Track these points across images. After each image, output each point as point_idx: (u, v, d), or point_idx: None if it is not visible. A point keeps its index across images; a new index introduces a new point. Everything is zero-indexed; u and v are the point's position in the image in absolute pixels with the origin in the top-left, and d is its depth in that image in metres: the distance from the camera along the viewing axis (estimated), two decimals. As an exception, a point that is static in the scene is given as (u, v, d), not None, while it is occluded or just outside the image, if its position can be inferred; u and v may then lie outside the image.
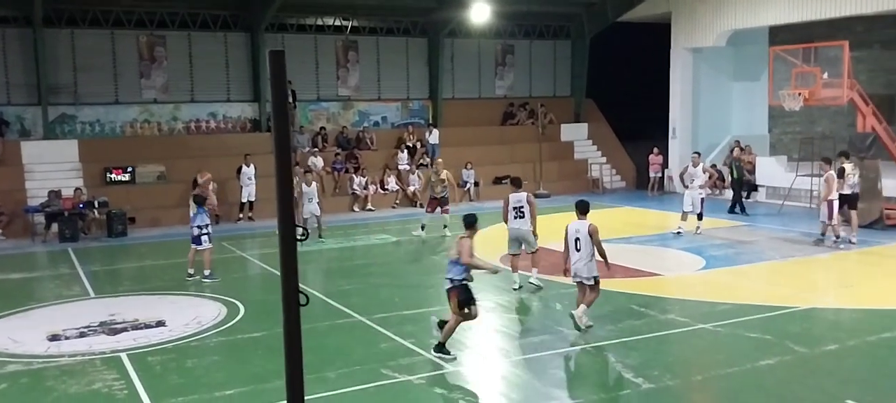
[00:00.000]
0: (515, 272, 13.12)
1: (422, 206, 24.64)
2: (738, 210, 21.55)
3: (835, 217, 16.19)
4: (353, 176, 24.64)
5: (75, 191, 20.66)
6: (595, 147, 30.14)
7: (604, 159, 29.60)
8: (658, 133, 28.32)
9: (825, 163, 16.84)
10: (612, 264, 10.81)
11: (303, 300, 4.03)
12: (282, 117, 4.02)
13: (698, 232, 18.03)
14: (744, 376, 8.84)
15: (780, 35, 25.19)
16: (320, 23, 26.65)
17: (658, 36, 28.44)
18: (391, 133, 27.44)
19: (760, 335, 10.22)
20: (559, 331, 10.62)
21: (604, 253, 10.48)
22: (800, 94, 19.04)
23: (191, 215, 14.29)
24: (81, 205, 20.24)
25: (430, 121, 27.80)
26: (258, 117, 25.52)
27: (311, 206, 18.13)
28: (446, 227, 18.65)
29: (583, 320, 10.35)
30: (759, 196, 23.86)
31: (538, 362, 9.42)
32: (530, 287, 13.01)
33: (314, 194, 18.31)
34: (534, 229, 13.06)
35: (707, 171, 18.84)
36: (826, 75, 19.19)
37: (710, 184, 20.43)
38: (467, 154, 26.25)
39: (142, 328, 11.25)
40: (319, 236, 18.26)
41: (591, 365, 9.36)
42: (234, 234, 19.82)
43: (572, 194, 25.89)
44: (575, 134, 30.06)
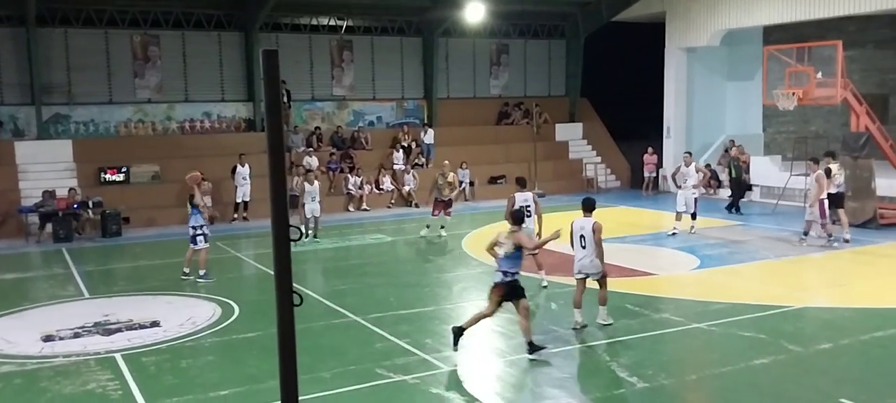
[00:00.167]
0: None
1: (417, 206, 24.72)
2: (733, 210, 21.58)
3: (827, 216, 16.26)
4: (348, 176, 24.62)
5: (69, 191, 20.61)
6: (590, 146, 30.18)
7: (598, 159, 29.64)
8: (652, 132, 28.39)
9: (813, 163, 16.89)
10: (606, 263, 10.84)
11: (297, 300, 4.03)
12: (275, 117, 4.01)
13: (693, 232, 18.06)
14: (738, 375, 8.87)
15: (773, 35, 25.27)
16: (315, 22, 26.63)
17: (652, 35, 28.51)
18: (386, 133, 27.43)
19: (754, 334, 10.24)
20: (554, 331, 10.64)
21: (602, 254, 10.53)
22: (794, 94, 19.07)
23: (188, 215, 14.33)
24: (76, 206, 20.19)
25: (425, 121, 27.82)
26: (253, 117, 25.49)
27: (313, 206, 18.05)
28: (443, 227, 18.57)
29: (606, 319, 10.68)
30: (753, 195, 23.91)
31: (533, 362, 9.42)
32: (530, 288, 12.97)
33: (317, 193, 18.24)
34: (539, 230, 13.06)
35: (699, 171, 18.86)
36: (820, 75, 19.22)
37: (704, 183, 20.47)
38: (462, 154, 26.25)
39: (136, 328, 11.23)
40: (314, 236, 18.22)
41: (586, 365, 9.37)
42: (229, 234, 19.79)
43: (567, 194, 26.00)
44: (570, 133, 30.10)
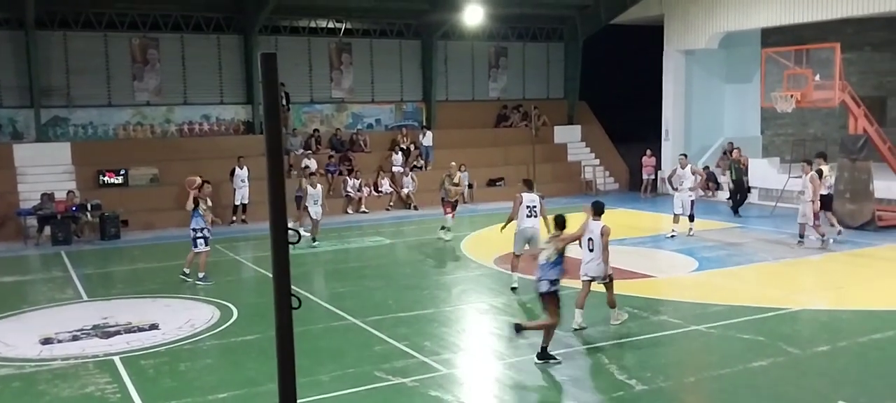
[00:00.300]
0: (515, 272, 13.15)
1: (416, 208, 24.74)
2: (741, 213, 21.56)
3: (818, 217, 16.30)
4: (347, 178, 24.63)
5: (68, 193, 20.61)
6: (588, 149, 30.20)
7: (597, 161, 29.66)
8: (651, 135, 28.40)
9: (807, 165, 16.91)
10: (611, 266, 11.07)
11: (295, 303, 4.03)
12: (274, 120, 4.02)
13: (691, 234, 18.07)
14: (736, 377, 8.88)
15: (771, 37, 25.30)
16: (314, 25, 26.64)
17: (651, 38, 28.54)
18: (385, 135, 27.44)
19: (753, 336, 10.26)
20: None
21: (607, 258, 10.63)
22: (792, 96, 19.10)
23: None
24: (74, 208, 20.18)
25: (424, 124, 27.83)
26: (251, 119, 25.50)
27: (316, 209, 17.95)
28: (444, 228, 18.53)
29: (620, 318, 10.83)
30: (751, 197, 23.92)
31: (532, 364, 9.42)
32: (529, 290, 12.99)
33: (319, 197, 18.15)
34: (549, 229, 13.14)
35: (695, 173, 18.91)
36: (818, 77, 19.26)
37: (700, 185, 20.46)
38: (461, 156, 26.13)
39: (135, 331, 11.22)
40: (313, 239, 18.12)
41: (585, 367, 9.38)
42: (228, 237, 19.77)
43: (566, 196, 26.02)
44: (568, 136, 30.12)
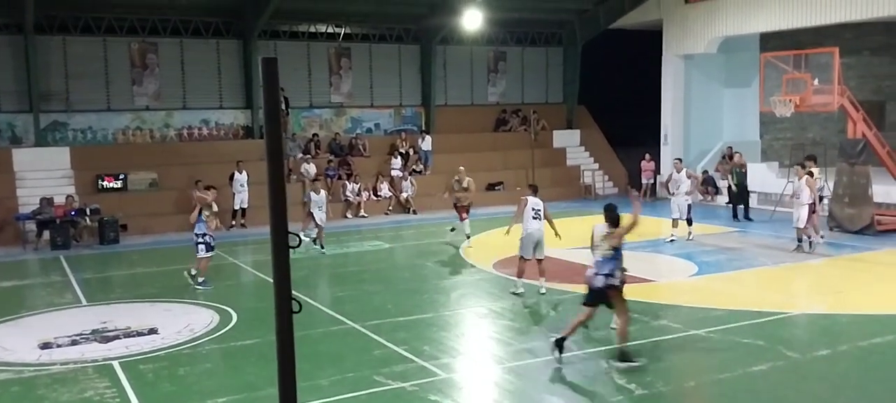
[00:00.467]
0: (521, 277, 13.09)
1: (415, 212, 24.74)
2: (741, 217, 21.56)
3: (811, 220, 16.32)
4: (346, 182, 24.64)
5: (67, 198, 20.60)
6: (587, 153, 30.23)
7: (596, 166, 29.67)
8: (650, 139, 28.42)
9: (801, 168, 16.90)
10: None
11: (296, 307, 4.03)
12: (274, 124, 4.02)
13: (690, 239, 18.07)
14: (736, 382, 8.87)
15: (770, 42, 25.35)
16: (313, 30, 26.67)
17: (650, 43, 28.56)
18: (384, 139, 27.46)
19: (753, 340, 10.25)
20: (552, 337, 10.62)
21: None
22: (790, 101, 19.12)
23: None
24: (73, 213, 20.18)
25: (423, 128, 27.85)
26: (250, 124, 25.51)
27: (321, 214, 17.75)
28: (453, 230, 18.44)
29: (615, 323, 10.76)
30: (750, 202, 23.89)
31: (531, 368, 9.43)
32: (528, 294, 12.99)
33: (323, 202, 17.97)
34: (555, 232, 13.22)
35: (691, 177, 18.91)
36: (816, 81, 19.27)
37: (696, 188, 20.44)
38: (460, 160, 26.06)
39: (134, 335, 11.21)
40: (315, 243, 17.97)
41: (584, 371, 9.36)
42: (227, 241, 19.74)
43: (565, 201, 26.05)
44: (567, 140, 30.15)
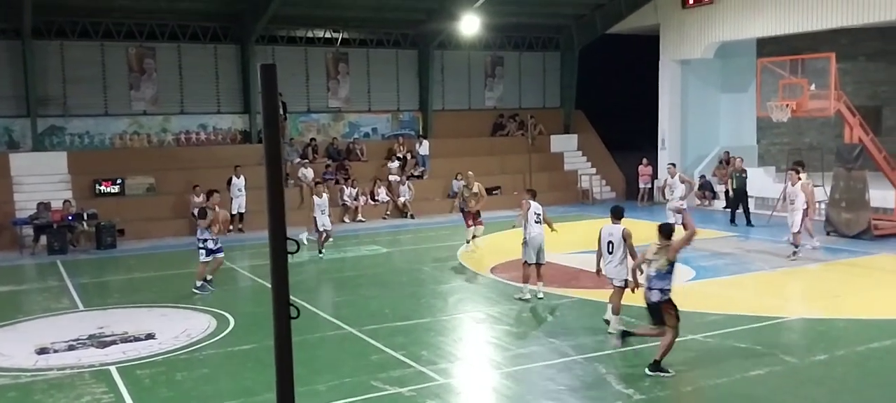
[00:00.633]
0: (527, 283, 13.05)
1: (413, 217, 24.75)
2: (739, 221, 21.55)
3: (803, 224, 16.35)
4: (344, 187, 24.64)
5: (64, 203, 20.58)
6: (585, 158, 30.25)
7: (593, 170, 29.69)
8: (647, 144, 28.46)
9: (794, 173, 16.91)
10: (598, 275, 11.28)
11: (294, 313, 4.03)
12: (273, 129, 4.04)
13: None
14: (734, 386, 8.88)
15: (767, 47, 25.39)
16: (310, 35, 26.68)
17: (647, 48, 28.62)
18: (381, 144, 27.47)
19: (750, 345, 10.26)
20: (550, 342, 10.65)
21: (635, 256, 10.76)
22: (787, 106, 19.14)
23: None
24: (70, 218, 20.15)
25: (421, 133, 27.86)
26: (248, 129, 25.50)
27: (324, 219, 17.71)
28: (475, 236, 18.11)
29: (618, 327, 10.85)
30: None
31: (529, 373, 9.43)
32: (523, 298, 12.99)
33: (326, 206, 17.92)
34: (552, 226, 13.41)
35: (684, 182, 18.93)
36: (813, 87, 19.30)
37: (689, 192, 20.43)
38: (457, 165, 26.22)
39: (131, 341, 11.20)
40: (319, 251, 17.88)
41: (582, 376, 9.36)
42: (224, 246, 19.68)
43: (563, 205, 26.07)
44: (564, 145, 30.18)
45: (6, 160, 22.00)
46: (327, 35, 26.92)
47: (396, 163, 26.32)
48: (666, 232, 9.42)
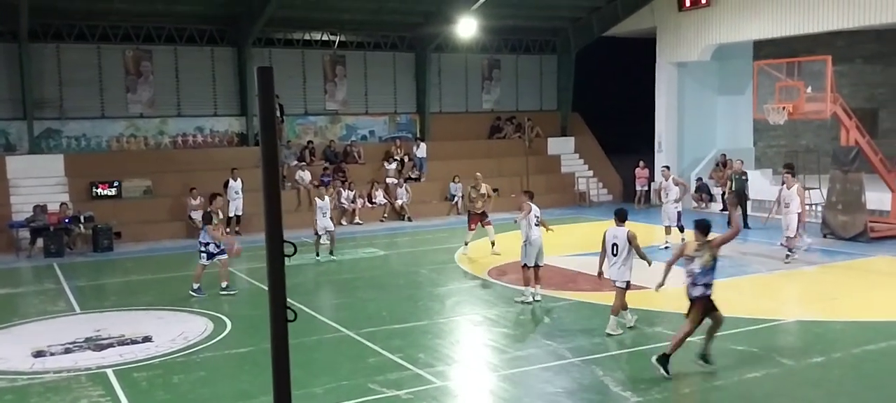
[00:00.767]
0: (528, 286, 13.01)
1: (410, 220, 24.75)
2: (744, 225, 21.52)
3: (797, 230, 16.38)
4: (341, 189, 24.62)
5: (61, 205, 20.55)
6: (582, 160, 30.28)
7: (590, 173, 29.73)
8: (644, 146, 28.48)
9: (790, 176, 16.89)
10: (599, 278, 11.26)
11: (291, 316, 4.03)
12: (270, 132, 4.04)
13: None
14: (731, 389, 8.89)
15: (763, 49, 25.44)
16: (308, 38, 26.67)
17: (643, 50, 28.65)
18: (379, 147, 27.47)
19: (747, 347, 10.27)
20: (547, 345, 10.65)
21: (644, 256, 10.99)
22: (784, 108, 19.17)
23: None
24: (67, 220, 20.12)
25: (418, 135, 27.87)
26: (245, 131, 25.49)
27: (324, 221, 17.72)
28: (494, 244, 17.82)
29: (623, 322, 11.05)
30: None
31: (526, 376, 9.43)
32: (526, 301, 12.98)
33: (327, 209, 17.95)
34: (547, 227, 13.55)
35: (678, 184, 18.99)
36: (809, 89, 19.34)
37: (685, 195, 20.44)
38: (455, 167, 26.30)
39: (128, 343, 11.18)
40: (331, 253, 17.80)
41: (580, 379, 9.37)
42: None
43: (560, 207, 26.09)
44: (561, 147, 30.21)
45: (2, 163, 21.96)
46: (324, 38, 26.92)
47: (394, 165, 26.33)
48: (703, 228, 9.43)
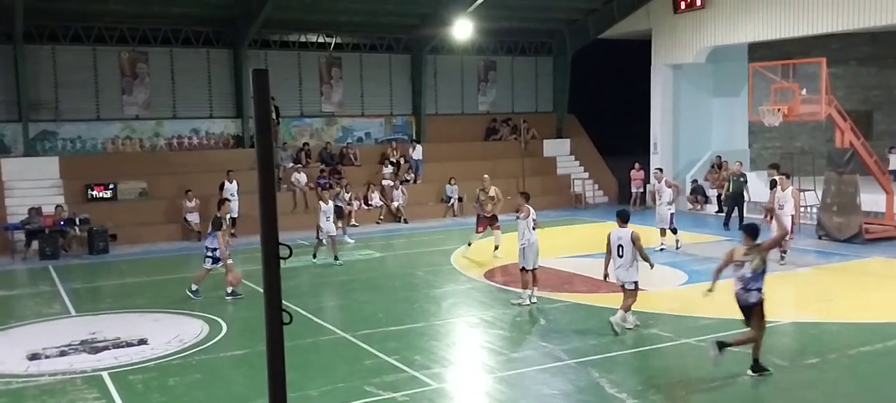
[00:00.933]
0: (527, 288, 13.00)
1: (406, 222, 24.75)
2: (731, 226, 21.50)
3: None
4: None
5: (56, 208, 20.49)
6: (577, 162, 30.31)
7: (586, 174, 29.76)
8: (639, 148, 28.52)
9: (784, 178, 16.92)
10: (598, 279, 11.33)
11: (286, 318, 4.03)
12: (265, 135, 4.04)
13: (678, 248, 18.13)
14: (726, 390, 8.91)
15: (758, 51, 25.51)
16: (304, 39, 26.67)
17: (639, 52, 28.71)
18: (375, 149, 27.47)
19: (743, 349, 10.26)
20: (543, 347, 10.65)
21: (646, 258, 11.11)
22: (779, 110, 19.21)
23: None
24: (62, 222, 20.07)
25: (414, 137, 27.87)
26: (241, 133, 25.46)
27: (328, 225, 17.50)
28: (497, 248, 17.67)
29: (625, 323, 11.06)
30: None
31: (522, 378, 9.43)
32: (523, 303, 12.98)
33: (331, 213, 17.74)
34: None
35: (671, 186, 19.03)
36: (804, 91, 19.38)
37: (678, 197, 20.48)
38: (451, 169, 26.31)
39: (123, 346, 11.16)
40: (335, 258, 17.50)
41: (575, 381, 9.37)
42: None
43: (556, 209, 26.12)
44: (557, 149, 30.23)
45: (-2, 165, 21.92)
46: (320, 39, 26.92)
47: (390, 167, 26.32)
48: (752, 232, 9.43)
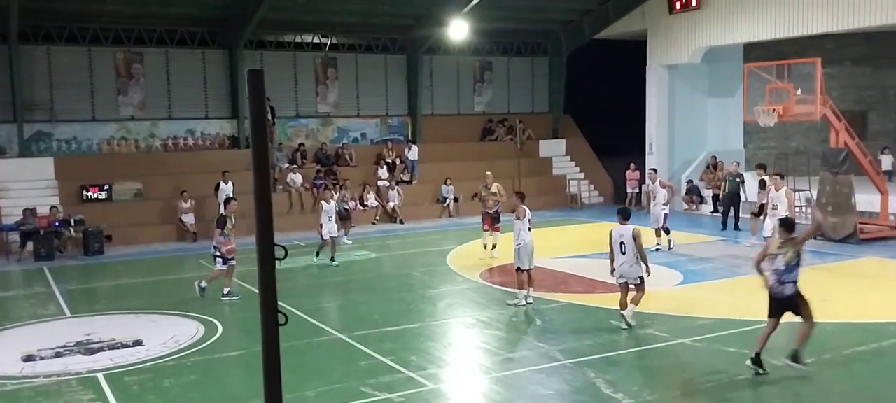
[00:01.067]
0: (522, 289, 12.99)
1: (402, 222, 24.74)
2: (727, 225, 21.55)
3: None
4: (333, 192, 24.55)
5: (51, 208, 20.46)
6: (573, 162, 30.34)
7: (582, 175, 29.78)
8: (635, 149, 28.55)
9: (779, 178, 16.95)
10: (594, 280, 11.29)
11: (281, 319, 4.03)
12: (261, 135, 4.03)
13: (671, 248, 18.16)
14: (722, 390, 8.91)
15: (753, 52, 25.55)
16: (299, 40, 26.66)
17: (634, 53, 28.74)
18: (370, 149, 27.46)
19: (738, 349, 10.29)
20: (539, 347, 10.66)
21: (645, 259, 11.26)
22: (774, 110, 19.25)
23: None
24: (57, 223, 20.03)
25: (410, 138, 27.87)
26: (236, 134, 25.44)
27: (330, 225, 17.39)
28: (495, 247, 17.66)
29: (630, 319, 11.23)
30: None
31: (518, 378, 9.43)
32: (519, 303, 12.98)
33: (333, 213, 17.66)
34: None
35: (665, 186, 19.07)
36: (799, 92, 19.42)
37: (672, 197, 20.51)
38: (447, 170, 26.31)
39: (118, 347, 11.13)
40: (331, 259, 17.46)
41: (571, 381, 9.38)
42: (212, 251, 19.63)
43: (551, 210, 26.13)
44: (553, 150, 30.26)
45: (-8, 166, 21.86)
46: (316, 40, 26.91)
47: (385, 168, 26.32)
48: (788, 226, 9.49)
